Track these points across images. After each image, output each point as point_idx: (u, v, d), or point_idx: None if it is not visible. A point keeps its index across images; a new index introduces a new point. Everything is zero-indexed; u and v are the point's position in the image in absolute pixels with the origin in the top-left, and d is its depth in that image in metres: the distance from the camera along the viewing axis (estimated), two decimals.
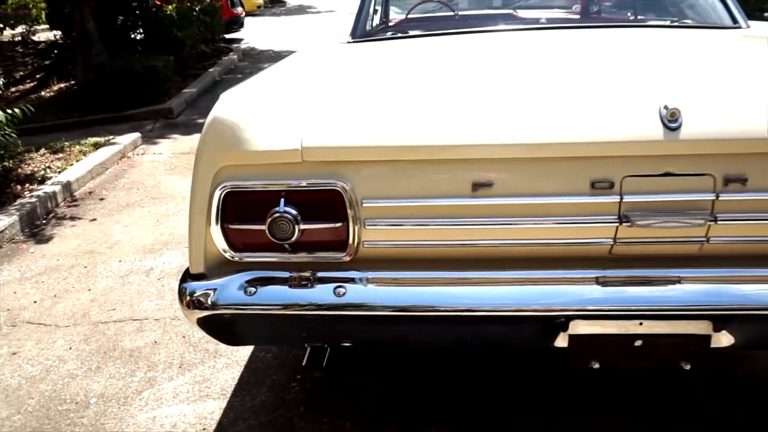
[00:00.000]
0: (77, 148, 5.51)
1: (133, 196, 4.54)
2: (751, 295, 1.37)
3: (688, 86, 1.47)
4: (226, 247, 1.44)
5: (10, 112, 4.44)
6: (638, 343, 1.42)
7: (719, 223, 1.33)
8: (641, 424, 1.93)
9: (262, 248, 1.43)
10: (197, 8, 10.66)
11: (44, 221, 4.13)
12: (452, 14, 2.71)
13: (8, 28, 9.58)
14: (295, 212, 1.37)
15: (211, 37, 11.45)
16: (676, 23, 2.49)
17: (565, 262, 1.42)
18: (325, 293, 1.41)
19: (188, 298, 1.46)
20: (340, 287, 1.40)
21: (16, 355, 2.55)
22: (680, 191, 1.32)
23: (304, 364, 1.79)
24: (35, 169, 4.91)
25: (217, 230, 1.43)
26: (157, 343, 2.56)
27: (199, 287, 1.46)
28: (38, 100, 8.01)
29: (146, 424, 2.07)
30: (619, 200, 1.34)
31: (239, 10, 15.92)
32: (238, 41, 14.08)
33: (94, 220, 4.10)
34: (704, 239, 1.36)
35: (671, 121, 1.28)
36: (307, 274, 1.43)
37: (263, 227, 1.38)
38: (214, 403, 2.15)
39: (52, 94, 8.48)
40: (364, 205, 1.38)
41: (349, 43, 2.45)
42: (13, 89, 8.63)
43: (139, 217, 4.09)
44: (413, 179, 1.37)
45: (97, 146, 5.59)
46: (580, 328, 1.40)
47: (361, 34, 2.52)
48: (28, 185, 4.50)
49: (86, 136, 5.94)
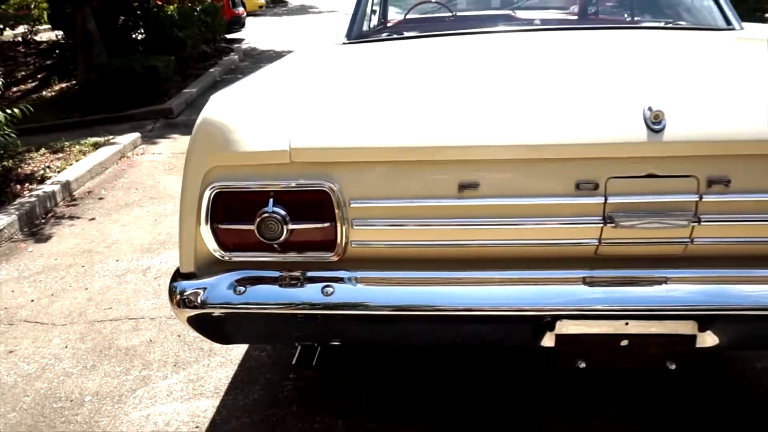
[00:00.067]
0: (77, 147, 5.53)
1: (131, 195, 4.56)
2: (735, 295, 1.38)
3: (673, 88, 1.48)
4: (215, 246, 1.46)
5: (9, 112, 4.46)
6: (624, 342, 1.43)
7: (703, 224, 1.35)
8: (639, 424, 1.94)
9: (251, 248, 1.45)
10: (198, 8, 10.68)
11: (43, 220, 4.15)
12: (450, 15, 2.73)
13: (8, 28, 9.59)
14: (283, 212, 1.39)
15: (212, 37, 11.47)
16: (670, 24, 2.50)
17: (551, 262, 1.43)
18: (313, 293, 1.42)
19: (178, 297, 1.48)
20: (328, 287, 1.42)
21: (12, 353, 2.57)
22: (664, 193, 1.34)
23: (294, 362, 1.81)
24: (35, 168, 4.94)
25: (206, 230, 1.45)
26: (152, 341, 2.57)
27: (189, 286, 1.48)
28: (39, 99, 8.04)
29: (140, 421, 2.09)
30: (603, 201, 1.35)
31: (240, 10, 15.94)
32: (239, 41, 14.10)
33: (92, 219, 4.12)
34: (688, 240, 1.37)
35: (655, 123, 1.30)
36: (296, 273, 1.45)
37: (252, 227, 1.40)
38: (207, 401, 2.16)
39: (53, 94, 8.51)
40: (351, 205, 1.39)
41: (344, 44, 2.46)
42: (14, 89, 8.66)
43: (137, 216, 4.11)
44: (400, 180, 1.39)
45: (96, 146, 5.61)
46: (566, 327, 1.41)
47: (356, 35, 2.53)
48: (27, 185, 4.53)
49: (86, 136, 5.97)
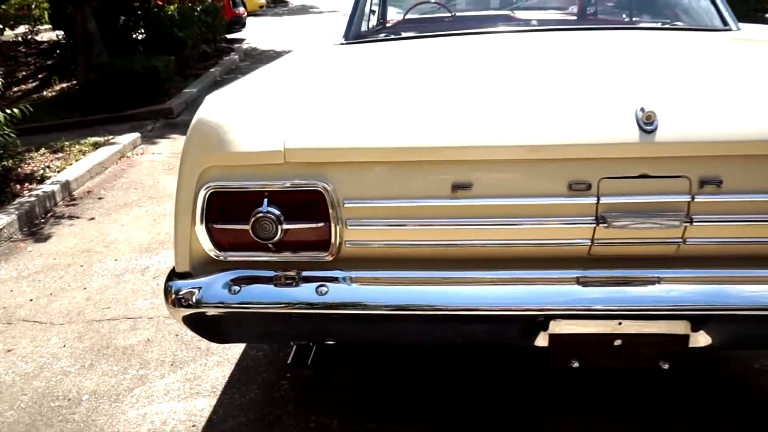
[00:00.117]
0: (77, 147, 5.55)
1: (131, 195, 4.57)
2: (728, 295, 1.39)
3: (666, 89, 1.49)
4: (210, 246, 1.47)
5: (9, 112, 4.47)
6: (617, 342, 1.43)
7: (695, 224, 1.35)
8: (639, 424, 1.94)
9: (246, 247, 1.46)
10: (199, 8, 10.69)
11: (43, 220, 4.16)
12: (449, 15, 2.74)
13: (9, 28, 9.60)
14: (278, 212, 1.39)
15: (212, 37, 11.49)
16: (667, 25, 2.51)
17: (544, 262, 1.43)
18: (307, 292, 1.43)
19: (173, 296, 1.49)
20: (322, 286, 1.42)
21: (10, 352, 2.58)
22: (656, 193, 1.34)
23: (289, 362, 1.81)
24: (35, 168, 4.95)
25: (201, 230, 1.45)
26: (150, 341, 2.58)
27: (184, 285, 1.48)
28: (40, 99, 8.06)
29: (137, 420, 2.10)
30: (596, 202, 1.35)
31: (241, 10, 15.97)
32: (239, 41, 14.12)
33: (92, 219, 4.13)
34: (681, 240, 1.38)
35: (647, 123, 1.30)
36: (291, 273, 1.45)
37: (247, 227, 1.40)
38: (204, 400, 2.17)
39: (53, 93, 8.53)
40: (345, 205, 1.40)
41: (341, 44, 2.47)
42: (15, 89, 8.68)
43: (136, 216, 4.12)
44: (394, 180, 1.39)
45: (96, 146, 5.63)
46: (560, 327, 1.42)
47: (354, 35, 2.54)
48: (27, 184, 4.54)
49: (86, 135, 5.98)
